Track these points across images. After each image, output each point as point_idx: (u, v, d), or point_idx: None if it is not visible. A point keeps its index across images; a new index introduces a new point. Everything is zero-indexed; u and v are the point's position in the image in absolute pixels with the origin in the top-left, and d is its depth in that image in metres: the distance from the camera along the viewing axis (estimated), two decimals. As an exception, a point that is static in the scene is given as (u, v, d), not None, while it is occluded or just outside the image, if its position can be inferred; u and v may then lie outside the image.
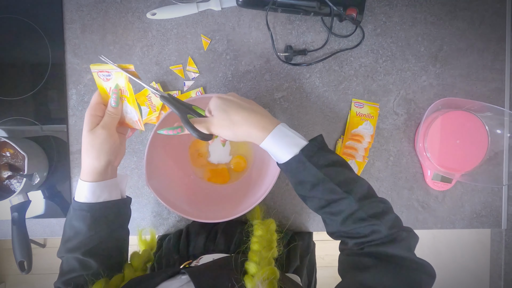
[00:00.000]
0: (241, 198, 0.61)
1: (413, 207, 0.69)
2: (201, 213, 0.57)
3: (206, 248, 0.57)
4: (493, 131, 0.63)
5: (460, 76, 0.67)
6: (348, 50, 0.66)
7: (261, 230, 0.51)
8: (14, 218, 0.58)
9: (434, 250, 1.14)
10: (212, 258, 0.51)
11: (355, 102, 0.66)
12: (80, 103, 0.65)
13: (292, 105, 0.67)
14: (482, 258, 0.83)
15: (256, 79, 0.66)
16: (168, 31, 0.65)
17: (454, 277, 1.03)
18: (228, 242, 0.58)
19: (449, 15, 0.67)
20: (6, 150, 0.61)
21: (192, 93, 0.66)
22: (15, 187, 0.61)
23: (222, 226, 0.61)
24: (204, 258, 0.52)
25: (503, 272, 0.71)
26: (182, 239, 0.60)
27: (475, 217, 0.69)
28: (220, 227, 0.61)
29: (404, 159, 0.68)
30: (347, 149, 0.66)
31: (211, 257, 0.52)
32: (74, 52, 0.65)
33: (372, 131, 0.66)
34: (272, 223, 0.54)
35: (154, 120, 0.65)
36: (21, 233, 0.58)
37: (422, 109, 0.68)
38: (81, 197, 0.46)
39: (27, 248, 0.58)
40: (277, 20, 0.66)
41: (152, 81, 0.65)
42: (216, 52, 0.66)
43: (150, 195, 0.67)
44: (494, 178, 0.67)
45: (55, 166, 0.66)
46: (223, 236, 0.58)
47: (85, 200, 0.46)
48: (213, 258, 0.51)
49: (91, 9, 0.64)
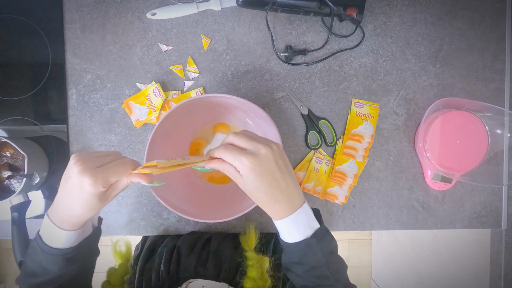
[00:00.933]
0: (242, 197, 0.60)
1: (413, 207, 0.69)
2: (201, 213, 0.57)
3: (196, 271, 0.56)
4: (493, 131, 0.63)
5: (460, 76, 0.67)
6: (348, 50, 0.66)
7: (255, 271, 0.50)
8: (14, 218, 0.58)
9: (434, 250, 1.14)
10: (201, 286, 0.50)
11: (355, 102, 0.66)
12: (80, 103, 0.65)
13: (292, 105, 0.67)
14: (482, 258, 0.83)
15: (256, 79, 0.66)
16: (168, 31, 0.65)
17: (454, 277, 1.03)
18: (218, 267, 0.57)
19: (449, 15, 0.67)
20: (6, 150, 0.61)
21: (192, 93, 0.66)
22: (15, 187, 0.61)
23: (213, 248, 0.60)
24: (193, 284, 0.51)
25: (503, 272, 0.71)
26: (173, 261, 0.58)
27: (475, 217, 0.69)
28: (212, 248, 0.60)
29: (404, 159, 0.68)
30: (347, 149, 0.66)
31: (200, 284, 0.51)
32: (74, 52, 0.65)
33: (372, 131, 0.66)
34: (266, 262, 0.52)
35: (154, 120, 0.65)
36: (21, 233, 0.58)
37: (422, 109, 0.68)
38: (53, 242, 0.41)
39: (27, 248, 0.58)
40: (277, 20, 0.66)
41: (152, 81, 0.65)
42: (216, 52, 0.66)
43: (150, 195, 0.67)
44: (494, 178, 0.67)
45: (55, 166, 0.65)
46: (213, 260, 0.57)
47: (58, 246, 0.41)
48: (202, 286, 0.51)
49: (91, 9, 0.64)
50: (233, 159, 0.40)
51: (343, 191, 0.67)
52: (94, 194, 0.38)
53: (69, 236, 0.41)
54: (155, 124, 0.65)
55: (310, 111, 0.66)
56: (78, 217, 0.40)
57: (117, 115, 0.66)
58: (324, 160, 0.67)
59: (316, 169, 0.67)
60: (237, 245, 0.63)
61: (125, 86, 0.65)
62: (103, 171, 0.38)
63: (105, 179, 0.38)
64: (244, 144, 0.41)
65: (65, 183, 0.39)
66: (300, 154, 0.67)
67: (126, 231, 0.67)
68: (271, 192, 0.41)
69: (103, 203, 0.40)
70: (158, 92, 0.64)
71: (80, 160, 0.38)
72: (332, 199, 0.67)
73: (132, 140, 0.66)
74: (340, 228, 0.68)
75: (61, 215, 0.41)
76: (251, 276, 0.50)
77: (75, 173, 0.38)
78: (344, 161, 0.66)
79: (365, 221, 0.68)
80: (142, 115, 0.65)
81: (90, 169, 0.37)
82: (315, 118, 0.66)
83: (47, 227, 0.42)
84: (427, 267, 1.18)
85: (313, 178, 0.67)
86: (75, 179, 0.38)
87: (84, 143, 0.66)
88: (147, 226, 0.67)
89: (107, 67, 0.65)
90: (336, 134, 0.67)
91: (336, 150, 0.67)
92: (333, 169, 0.66)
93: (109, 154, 0.41)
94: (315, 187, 0.67)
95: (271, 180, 0.40)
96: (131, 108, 0.65)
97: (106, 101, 0.65)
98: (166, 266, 0.58)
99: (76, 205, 0.39)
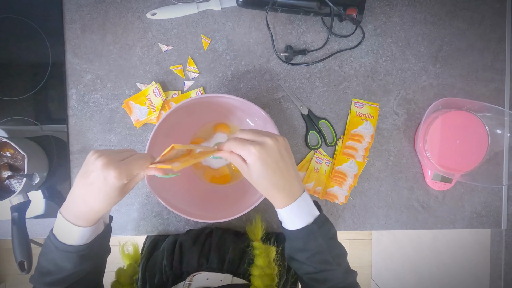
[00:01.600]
0: (242, 197, 0.61)
1: (413, 207, 0.69)
2: (202, 213, 0.57)
3: (199, 264, 0.57)
4: (493, 131, 0.63)
5: (460, 76, 0.67)
6: (348, 50, 0.66)
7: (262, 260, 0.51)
8: (14, 218, 0.58)
9: (434, 250, 1.14)
10: (206, 279, 0.52)
11: (355, 102, 0.66)
12: (80, 103, 0.65)
13: (292, 105, 0.67)
14: (482, 258, 0.83)
15: (256, 79, 0.66)
16: (168, 31, 0.65)
17: (454, 277, 1.03)
18: (221, 259, 0.57)
19: (449, 15, 0.67)
20: (6, 150, 0.61)
21: (192, 93, 0.66)
22: (15, 187, 0.61)
23: (215, 241, 0.60)
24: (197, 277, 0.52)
25: (503, 272, 0.71)
26: (176, 255, 0.59)
27: (475, 217, 0.69)
28: (214, 241, 0.60)
29: (404, 159, 0.68)
30: (347, 149, 0.66)
31: (205, 277, 0.53)
32: (74, 52, 0.65)
33: (372, 131, 0.66)
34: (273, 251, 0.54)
35: (154, 120, 0.65)
36: (21, 233, 0.58)
37: (422, 109, 0.68)
38: (67, 239, 0.42)
39: (27, 248, 0.58)
40: (277, 20, 0.66)
41: (152, 81, 0.65)
42: (216, 52, 0.66)
43: (150, 195, 0.67)
44: (494, 178, 0.67)
45: (55, 166, 0.65)
46: (216, 253, 0.58)
47: (73, 243, 0.42)
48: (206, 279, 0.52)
49: (91, 9, 0.64)
50: (241, 148, 0.42)
51: (343, 191, 0.67)
52: (117, 187, 0.39)
53: (83, 233, 0.42)
54: (155, 124, 0.65)
55: (310, 111, 0.66)
56: (95, 212, 0.41)
57: (117, 115, 0.66)
58: (324, 160, 0.67)
59: (316, 169, 0.67)
60: (239, 236, 0.64)
61: (125, 86, 0.65)
62: (126, 164, 0.39)
63: (128, 172, 0.39)
64: (251, 137, 0.44)
65: (85, 178, 0.40)
66: (300, 154, 0.67)
67: (126, 231, 0.67)
68: (275, 180, 0.43)
69: (122, 196, 0.42)
70: (158, 92, 0.64)
71: (103, 155, 0.39)
72: (332, 199, 0.67)
73: (132, 140, 0.66)
74: (340, 228, 0.68)
75: (76, 212, 0.42)
76: (259, 264, 0.51)
77: (98, 167, 0.38)
78: (344, 161, 0.66)
79: (365, 221, 0.68)
80: (142, 115, 0.65)
81: (114, 162, 0.39)
82: (315, 118, 0.66)
83: (61, 224, 0.42)
84: (427, 267, 1.18)
85: (313, 178, 0.67)
86: (99, 172, 0.38)
87: (84, 143, 0.66)
88: (147, 226, 0.67)
89: (107, 67, 0.65)
90: (336, 134, 0.67)
91: (336, 150, 0.67)
92: (333, 169, 0.66)
93: (126, 150, 0.43)
94: (315, 187, 0.67)
95: (275, 168, 0.42)
96: (131, 108, 0.65)
97: (106, 101, 0.65)
98: (169, 261, 0.58)
99: (96, 198, 0.40)
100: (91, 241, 0.44)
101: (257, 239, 0.57)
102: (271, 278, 0.49)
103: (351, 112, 0.67)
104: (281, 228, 0.49)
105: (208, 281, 0.52)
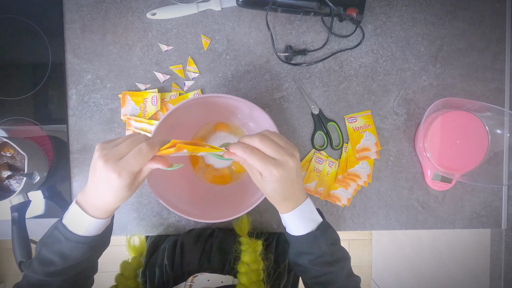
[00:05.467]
0: (242, 197, 0.61)
1: (413, 207, 0.69)
2: (202, 213, 0.57)
3: (200, 265, 0.57)
4: (493, 131, 0.63)
5: (460, 76, 0.67)
6: (348, 50, 0.66)
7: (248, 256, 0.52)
8: (14, 218, 0.58)
9: (434, 250, 1.14)
10: (207, 280, 0.52)
11: (347, 118, 0.66)
12: (80, 103, 0.65)
13: (292, 105, 0.67)
14: (482, 258, 0.83)
15: (256, 79, 0.66)
16: (168, 31, 0.65)
17: (454, 277, 1.03)
18: (223, 259, 0.57)
19: (449, 15, 0.67)
20: (6, 150, 0.61)
21: (190, 94, 0.66)
22: (15, 187, 0.61)
23: (217, 241, 0.60)
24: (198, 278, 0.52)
25: (503, 272, 0.71)
26: (177, 255, 0.59)
27: (475, 217, 0.69)
28: (215, 242, 0.60)
29: (404, 159, 0.68)
30: (359, 153, 0.66)
31: (206, 278, 0.53)
32: (74, 52, 0.65)
33: (375, 139, 0.66)
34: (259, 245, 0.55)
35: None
36: (21, 233, 0.58)
37: (422, 109, 0.68)
38: (81, 229, 0.42)
39: (27, 248, 0.58)
40: (277, 20, 0.66)
41: (155, 88, 0.65)
42: (216, 52, 0.66)
43: (150, 195, 0.67)
44: (494, 178, 0.67)
45: (55, 166, 0.65)
46: (218, 253, 0.58)
47: (86, 233, 0.42)
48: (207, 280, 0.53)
49: (91, 9, 0.64)
50: (262, 167, 0.41)
51: (347, 193, 0.67)
52: (122, 186, 0.39)
53: (99, 223, 0.43)
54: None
55: (321, 112, 0.66)
56: (111, 205, 0.42)
57: (117, 115, 0.66)
58: (326, 161, 0.66)
59: (317, 169, 0.67)
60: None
61: (125, 86, 0.65)
62: (124, 164, 0.38)
63: (128, 171, 0.38)
64: (272, 153, 0.42)
65: (93, 174, 0.40)
66: (300, 154, 0.67)
67: (126, 231, 0.67)
68: (285, 193, 0.45)
69: (132, 191, 0.41)
70: (156, 101, 0.63)
71: (101, 154, 0.38)
72: (334, 201, 0.67)
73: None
74: (340, 228, 0.68)
75: (95, 203, 0.42)
76: (245, 261, 0.52)
77: (100, 167, 0.38)
78: (356, 163, 0.67)
79: (365, 221, 0.69)
80: (132, 113, 0.64)
81: (112, 162, 0.38)
82: (325, 120, 0.66)
83: (76, 215, 0.42)
84: (427, 267, 1.18)
85: (314, 178, 0.67)
86: (102, 172, 0.38)
87: (84, 143, 0.66)
88: (147, 226, 0.67)
89: (107, 67, 0.65)
90: (343, 138, 0.67)
91: (347, 152, 0.67)
92: (345, 171, 0.66)
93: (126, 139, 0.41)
94: (317, 187, 0.67)
95: (289, 186, 0.44)
96: (126, 101, 0.64)
97: (106, 101, 0.65)
98: (170, 261, 0.58)
99: (107, 195, 0.40)
100: (102, 232, 0.45)
101: (244, 234, 0.58)
102: (257, 274, 0.50)
103: (348, 130, 0.66)
104: (286, 233, 0.51)
105: (209, 282, 0.52)
